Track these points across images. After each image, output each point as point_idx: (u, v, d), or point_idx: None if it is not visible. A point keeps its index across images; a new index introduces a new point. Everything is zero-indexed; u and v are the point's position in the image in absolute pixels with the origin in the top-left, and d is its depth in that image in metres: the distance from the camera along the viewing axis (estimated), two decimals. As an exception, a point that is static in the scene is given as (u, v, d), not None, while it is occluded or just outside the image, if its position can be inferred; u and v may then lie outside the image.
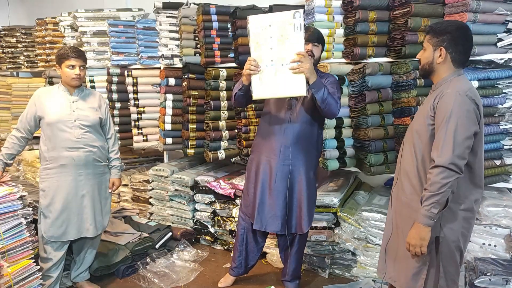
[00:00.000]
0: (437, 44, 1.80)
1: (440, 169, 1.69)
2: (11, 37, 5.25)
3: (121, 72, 3.87)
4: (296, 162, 2.49)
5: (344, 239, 2.98)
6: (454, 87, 1.75)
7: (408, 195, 1.89)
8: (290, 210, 2.54)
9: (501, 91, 2.68)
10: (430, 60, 1.83)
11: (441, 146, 1.70)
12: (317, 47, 2.44)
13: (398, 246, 1.95)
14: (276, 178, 2.52)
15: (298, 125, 2.48)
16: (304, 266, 3.11)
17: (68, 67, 2.52)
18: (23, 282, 2.24)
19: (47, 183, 2.55)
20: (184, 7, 3.52)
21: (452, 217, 1.79)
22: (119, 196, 4.14)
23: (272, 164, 2.52)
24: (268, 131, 2.56)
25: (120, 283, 2.96)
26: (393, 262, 1.99)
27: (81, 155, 2.56)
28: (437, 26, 1.83)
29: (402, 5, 2.75)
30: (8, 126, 5.17)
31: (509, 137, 2.74)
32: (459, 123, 1.68)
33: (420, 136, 1.84)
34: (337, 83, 2.48)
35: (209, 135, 3.40)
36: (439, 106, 1.74)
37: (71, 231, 2.58)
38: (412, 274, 1.87)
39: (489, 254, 2.59)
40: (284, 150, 2.49)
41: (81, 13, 3.91)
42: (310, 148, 2.54)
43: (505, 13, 2.61)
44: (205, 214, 3.54)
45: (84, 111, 2.60)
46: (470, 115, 1.71)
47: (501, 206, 2.59)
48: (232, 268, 2.85)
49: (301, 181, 2.51)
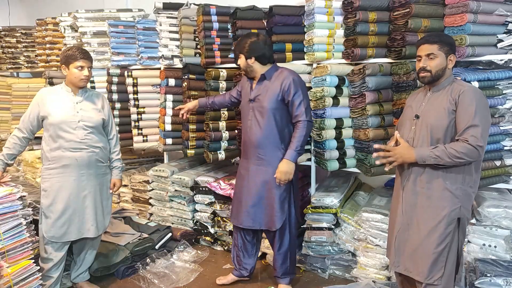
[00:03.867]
0: (448, 52, 2.06)
1: (470, 147, 1.89)
2: (11, 38, 5.25)
3: (121, 72, 3.87)
4: (264, 161, 2.63)
5: (344, 240, 2.98)
6: (467, 85, 2.04)
7: (425, 185, 2.05)
8: (261, 207, 2.67)
9: (501, 92, 2.68)
10: (444, 66, 2.06)
11: (472, 130, 1.91)
12: (239, 59, 2.64)
13: (411, 237, 2.09)
14: (249, 176, 2.70)
15: (262, 122, 2.61)
16: (304, 267, 3.11)
17: (77, 68, 2.51)
18: (23, 283, 2.24)
19: (48, 183, 2.54)
20: (184, 7, 3.52)
21: (468, 199, 2.03)
22: (119, 196, 4.13)
23: (247, 163, 2.73)
24: (243, 129, 2.78)
25: (120, 284, 2.96)
26: (409, 253, 2.10)
27: (84, 156, 2.56)
28: (443, 37, 2.12)
29: (402, 6, 2.75)
30: (8, 127, 5.17)
31: (509, 138, 2.73)
32: (484, 115, 1.94)
33: (438, 129, 2.02)
34: (296, 85, 2.56)
35: (209, 135, 3.40)
36: (463, 100, 1.97)
37: (72, 232, 2.57)
38: (434, 259, 2.00)
39: (489, 255, 2.58)
40: (254, 149, 2.66)
41: (81, 13, 3.91)
42: (278, 147, 2.62)
43: (505, 14, 2.61)
44: (205, 214, 3.54)
45: (88, 112, 2.60)
46: (487, 108, 2.01)
47: (501, 207, 2.59)
48: (234, 268, 2.95)
49: (270, 179, 2.61)
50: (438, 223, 1.99)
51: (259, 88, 2.64)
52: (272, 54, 2.68)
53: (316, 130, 3.08)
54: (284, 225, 2.68)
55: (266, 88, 2.62)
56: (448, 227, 1.99)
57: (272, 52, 2.71)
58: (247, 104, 2.71)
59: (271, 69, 2.65)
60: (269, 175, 2.62)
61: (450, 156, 1.92)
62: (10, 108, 5.12)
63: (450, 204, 1.99)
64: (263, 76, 2.63)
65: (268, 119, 2.59)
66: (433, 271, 2.00)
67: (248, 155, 2.72)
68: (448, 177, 2.00)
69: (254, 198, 2.67)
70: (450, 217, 1.99)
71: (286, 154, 2.57)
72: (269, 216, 2.66)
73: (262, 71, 2.63)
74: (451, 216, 1.99)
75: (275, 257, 2.78)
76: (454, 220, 2.00)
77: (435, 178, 2.02)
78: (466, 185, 2.01)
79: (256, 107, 2.64)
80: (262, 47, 2.59)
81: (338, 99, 3.05)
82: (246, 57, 2.60)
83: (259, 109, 2.62)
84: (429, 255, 2.00)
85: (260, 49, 2.58)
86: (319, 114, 3.05)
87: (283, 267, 2.77)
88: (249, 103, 2.69)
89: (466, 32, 2.54)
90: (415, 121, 2.12)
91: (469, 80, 2.57)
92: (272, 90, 2.59)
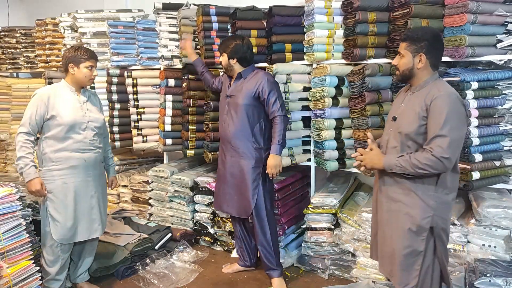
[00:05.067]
0: (416, 51, 1.93)
1: (433, 158, 1.80)
2: (11, 38, 5.25)
3: (121, 73, 3.88)
4: (237, 153, 2.81)
5: (344, 240, 2.98)
6: (444, 90, 1.89)
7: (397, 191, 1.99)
8: (236, 195, 2.86)
9: (501, 92, 2.68)
10: (410, 66, 1.96)
11: (439, 140, 1.80)
12: (222, 57, 2.82)
13: (386, 240, 2.06)
14: (226, 167, 2.89)
15: (236, 117, 2.78)
16: (304, 267, 3.11)
17: (88, 67, 2.51)
18: (22, 283, 2.24)
19: (53, 185, 2.48)
20: (184, 8, 3.52)
21: (444, 207, 1.94)
22: (119, 197, 4.13)
23: (223, 155, 2.92)
24: (220, 123, 2.96)
25: (119, 284, 2.96)
26: (385, 259, 2.08)
27: (92, 157, 2.57)
28: (414, 34, 1.95)
29: (402, 6, 2.75)
30: (7, 127, 5.17)
31: (509, 138, 2.73)
32: (454, 124, 1.81)
33: (408, 134, 1.93)
34: (270, 84, 2.74)
35: (209, 136, 3.40)
36: (433, 106, 1.85)
37: (82, 232, 2.57)
38: (407, 266, 1.95)
39: (489, 255, 2.58)
40: (228, 142, 2.84)
41: (81, 14, 3.91)
42: (249, 140, 2.78)
43: (505, 14, 2.61)
44: (205, 215, 3.54)
45: (93, 113, 2.61)
46: (462, 116, 1.87)
47: (500, 207, 2.59)
48: (240, 258, 3.12)
49: (243, 169, 2.80)
50: (408, 230, 1.94)
51: (236, 86, 2.84)
52: (252, 57, 2.88)
53: (315, 130, 3.08)
54: (261, 215, 2.80)
55: (241, 86, 2.80)
56: (419, 235, 1.93)
57: (253, 56, 2.90)
58: (224, 99, 2.91)
59: (248, 69, 2.84)
60: (242, 165, 2.80)
61: (413, 167, 1.84)
62: (9, 108, 5.12)
63: (420, 213, 1.92)
64: (239, 75, 2.83)
65: (241, 115, 2.77)
66: (408, 278, 1.95)
67: (223, 147, 2.92)
68: (420, 185, 1.92)
69: (229, 187, 2.88)
70: (421, 226, 1.92)
71: (271, 149, 2.74)
72: (242, 204, 2.84)
73: (240, 70, 2.83)
74: (422, 225, 1.92)
75: (261, 251, 2.87)
76: (426, 229, 1.92)
77: (406, 185, 1.95)
78: (441, 193, 1.92)
79: (231, 103, 2.82)
80: (245, 50, 2.79)
81: (337, 100, 3.05)
82: (228, 57, 2.80)
83: (234, 105, 2.80)
84: (398, 262, 1.97)
85: (243, 52, 2.79)
86: (319, 114, 3.06)
87: (270, 260, 2.86)
88: (225, 98, 2.88)
89: (466, 32, 2.54)
90: (392, 122, 2.07)
91: (469, 80, 2.57)
92: (247, 88, 2.77)
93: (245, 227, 3.03)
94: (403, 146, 1.96)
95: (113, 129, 3.93)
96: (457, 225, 2.70)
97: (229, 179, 2.88)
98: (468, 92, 2.58)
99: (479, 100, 2.61)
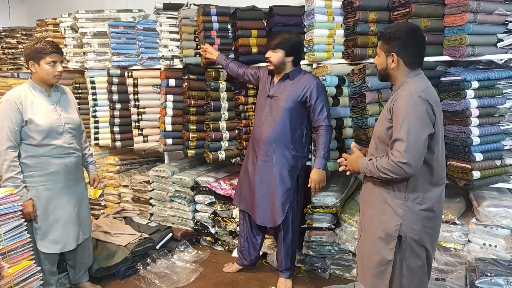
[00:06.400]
0: (388, 50, 1.84)
1: (392, 163, 1.74)
2: (12, 38, 5.24)
3: (121, 73, 3.87)
4: (272, 159, 2.65)
5: (345, 239, 2.98)
6: (408, 89, 1.79)
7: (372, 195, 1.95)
8: (264, 203, 2.71)
9: (501, 92, 2.68)
10: (384, 66, 1.89)
11: (397, 144, 1.74)
12: (276, 53, 2.58)
13: (364, 246, 2.01)
14: (255, 171, 2.72)
15: (276, 120, 2.60)
16: (305, 267, 3.11)
17: (49, 63, 2.29)
18: (23, 283, 2.23)
19: (34, 192, 2.36)
20: (184, 8, 3.52)
21: (413, 217, 1.83)
22: (120, 196, 4.14)
23: (254, 157, 2.75)
24: (255, 123, 2.79)
25: (120, 284, 2.96)
26: (361, 263, 2.04)
27: (72, 161, 2.45)
28: (387, 32, 1.85)
29: (402, 6, 2.75)
30: (8, 127, 5.17)
31: (509, 138, 2.74)
32: (411, 126, 1.71)
33: (381, 140, 1.89)
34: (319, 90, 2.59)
35: (210, 135, 3.41)
36: (395, 108, 1.78)
37: (70, 241, 2.49)
38: (377, 273, 1.91)
39: (489, 254, 2.58)
40: (263, 145, 2.66)
41: (81, 14, 3.91)
42: (287, 147, 2.63)
43: (505, 14, 2.61)
44: (206, 214, 3.54)
45: (68, 113, 2.44)
46: (423, 117, 1.73)
47: (501, 206, 2.59)
48: (238, 258, 3.09)
49: (275, 177, 2.65)
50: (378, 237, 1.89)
51: (280, 86, 2.66)
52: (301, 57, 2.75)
53: (316, 130, 3.08)
54: (287, 222, 2.72)
55: (287, 88, 2.63)
56: (388, 244, 1.85)
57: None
58: (264, 99, 2.72)
59: (295, 70, 2.67)
60: (275, 172, 2.64)
61: (377, 171, 1.79)
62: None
63: (390, 220, 1.85)
64: (286, 75, 2.65)
65: (283, 118, 2.60)
66: (378, 286, 1.90)
67: (256, 149, 2.73)
68: (391, 192, 1.85)
69: (257, 192, 2.72)
70: (388, 233, 1.85)
71: (316, 163, 2.61)
72: (269, 212, 2.71)
73: (289, 70, 2.65)
74: (390, 233, 1.85)
75: (279, 251, 2.83)
76: (394, 237, 1.84)
77: (378, 190, 1.90)
78: (411, 202, 1.82)
79: (273, 104, 2.65)
80: (302, 50, 2.69)
81: (338, 99, 3.05)
82: (286, 54, 2.58)
83: (276, 107, 2.62)
84: (373, 268, 1.92)
85: (300, 52, 2.69)
86: (319, 114, 3.05)
87: (286, 262, 2.83)
88: (266, 98, 2.69)
89: (466, 31, 2.54)
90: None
91: (469, 80, 2.57)
92: (293, 91, 2.60)
93: (251, 225, 2.94)
94: (377, 149, 1.92)
95: (114, 129, 3.93)
96: (458, 225, 2.70)
97: (258, 184, 2.71)
98: (468, 91, 2.58)
99: (480, 99, 2.61)
